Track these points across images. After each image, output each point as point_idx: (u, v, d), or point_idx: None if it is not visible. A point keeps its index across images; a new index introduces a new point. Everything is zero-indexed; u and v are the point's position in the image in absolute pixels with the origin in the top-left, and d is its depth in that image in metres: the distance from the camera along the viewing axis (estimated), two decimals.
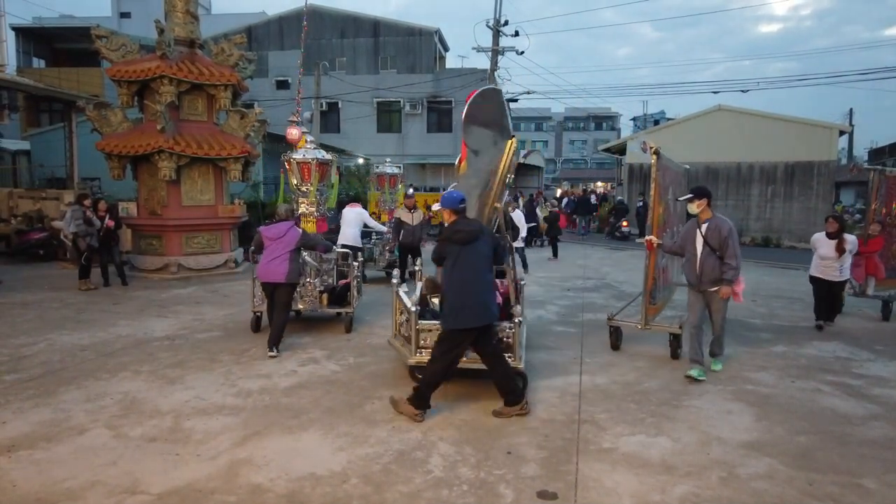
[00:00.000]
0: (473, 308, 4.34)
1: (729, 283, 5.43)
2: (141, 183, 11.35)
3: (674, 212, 7.08)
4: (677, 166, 7.77)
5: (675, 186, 7.38)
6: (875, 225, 8.28)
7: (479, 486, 3.47)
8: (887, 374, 5.78)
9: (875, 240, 8.24)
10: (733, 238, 5.43)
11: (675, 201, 6.76)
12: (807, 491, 3.48)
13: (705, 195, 5.58)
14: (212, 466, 3.64)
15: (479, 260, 4.40)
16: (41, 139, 20.62)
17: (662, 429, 4.34)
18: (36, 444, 3.89)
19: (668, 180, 6.74)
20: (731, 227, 5.48)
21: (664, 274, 7.13)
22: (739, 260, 5.44)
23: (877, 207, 8.41)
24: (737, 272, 5.43)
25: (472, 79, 25.61)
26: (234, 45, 11.56)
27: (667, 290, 7.37)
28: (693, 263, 5.59)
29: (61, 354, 5.93)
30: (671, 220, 6.96)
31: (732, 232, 5.46)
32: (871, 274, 8.30)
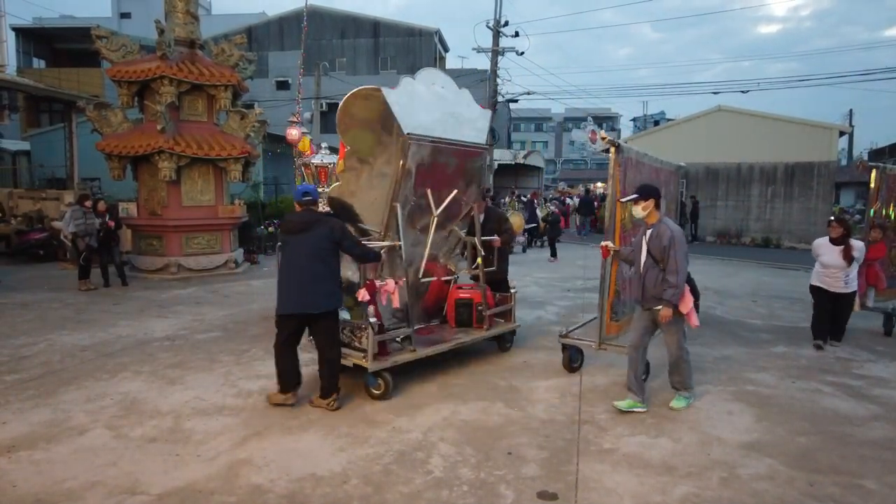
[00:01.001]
0: (293, 296, 4.48)
1: (669, 303, 4.50)
2: (141, 183, 11.35)
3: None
4: (665, 163, 7.16)
5: (664, 186, 6.95)
6: (876, 230, 7.36)
7: (479, 486, 3.47)
8: (888, 375, 5.77)
9: (876, 246, 7.34)
10: (676, 248, 4.48)
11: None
12: (807, 492, 3.48)
13: (652, 195, 4.68)
14: (212, 467, 3.64)
15: (308, 250, 4.49)
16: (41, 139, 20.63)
17: (663, 429, 4.34)
18: (36, 445, 3.88)
19: (645, 178, 5.99)
20: (674, 234, 4.51)
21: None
22: (682, 276, 4.48)
23: (877, 209, 7.56)
24: (677, 291, 4.48)
25: (473, 79, 25.60)
26: (234, 45, 11.57)
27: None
28: (637, 276, 4.85)
29: (61, 355, 5.93)
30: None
31: (676, 241, 4.49)
32: (872, 284, 7.46)
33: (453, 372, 5.59)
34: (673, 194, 7.36)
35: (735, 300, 9.64)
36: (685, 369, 4.79)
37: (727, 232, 20.43)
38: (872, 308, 7.45)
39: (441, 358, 6.01)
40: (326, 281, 4.54)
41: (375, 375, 4.82)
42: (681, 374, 4.80)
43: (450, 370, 5.64)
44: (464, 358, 6.02)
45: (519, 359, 6.06)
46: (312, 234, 4.52)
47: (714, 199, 20.70)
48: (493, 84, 22.05)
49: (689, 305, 4.64)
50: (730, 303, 9.39)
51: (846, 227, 6.53)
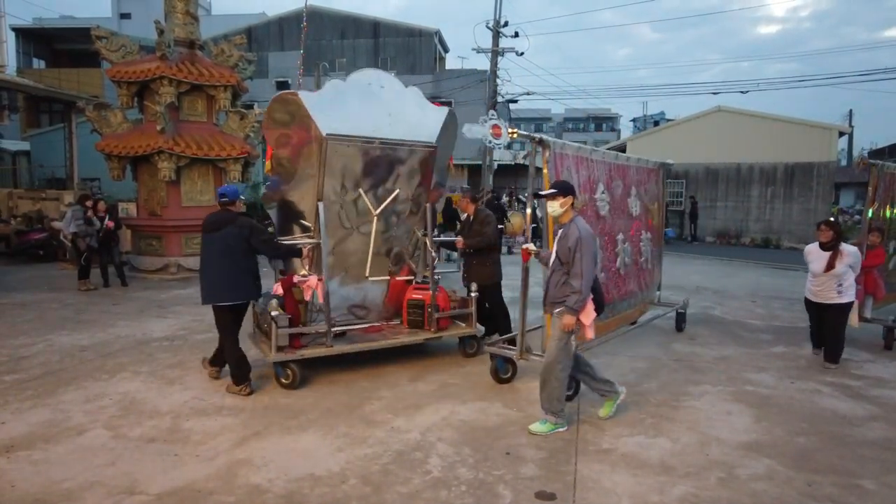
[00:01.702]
0: (206, 288, 4.92)
1: (571, 310, 4.09)
2: (141, 183, 11.36)
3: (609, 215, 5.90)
4: (640, 161, 6.78)
5: (637, 186, 6.52)
6: (874, 233, 6.70)
7: (477, 486, 3.47)
8: (887, 376, 5.78)
9: (875, 252, 6.67)
10: (583, 251, 4.05)
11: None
12: (806, 492, 3.48)
13: (570, 192, 4.26)
14: (211, 467, 3.64)
15: (219, 247, 4.87)
16: (41, 140, 20.64)
17: (661, 429, 4.34)
18: (35, 445, 3.89)
19: (599, 176, 5.71)
20: (581, 236, 4.08)
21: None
22: (588, 281, 4.05)
23: (876, 211, 6.97)
24: (581, 298, 4.05)
25: (473, 79, 25.65)
26: (233, 45, 11.58)
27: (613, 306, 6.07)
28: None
29: (60, 355, 5.93)
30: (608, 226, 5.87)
31: (583, 243, 4.06)
32: (870, 293, 6.78)
33: (452, 372, 5.60)
34: (654, 193, 7.05)
35: (734, 300, 9.64)
36: (555, 388, 4.19)
37: (727, 232, 20.44)
38: (871, 319, 6.77)
39: (440, 358, 6.02)
40: (235, 276, 4.87)
41: (283, 366, 5.04)
42: (548, 391, 4.22)
43: (449, 370, 5.64)
44: (463, 359, 6.02)
45: None
46: (223, 232, 4.88)
47: (714, 199, 20.71)
48: (492, 84, 22.05)
49: (591, 317, 4.19)
50: (729, 303, 9.39)
51: (836, 230, 5.89)
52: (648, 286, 6.97)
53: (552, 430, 4.20)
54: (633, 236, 6.43)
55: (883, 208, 7.14)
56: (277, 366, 5.04)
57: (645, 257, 6.75)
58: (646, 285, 6.86)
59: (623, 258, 6.16)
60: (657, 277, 7.32)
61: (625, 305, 6.26)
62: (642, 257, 6.67)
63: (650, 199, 6.94)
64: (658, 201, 7.23)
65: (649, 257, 6.90)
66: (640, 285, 6.66)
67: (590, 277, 4.07)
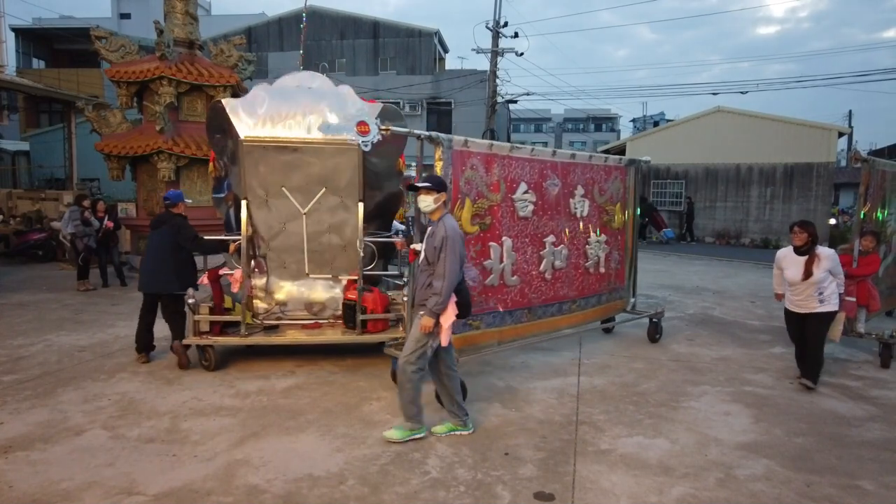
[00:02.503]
0: (143, 278, 5.75)
1: (430, 312, 3.88)
2: (140, 184, 11.35)
3: (534, 216, 5.57)
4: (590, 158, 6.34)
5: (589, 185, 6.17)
6: (868, 238, 6.04)
7: (476, 487, 3.47)
8: (886, 376, 5.78)
9: (868, 258, 6.00)
10: (448, 252, 3.85)
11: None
12: (804, 492, 3.48)
13: (443, 189, 4.04)
14: (209, 467, 3.64)
15: (156, 243, 5.75)
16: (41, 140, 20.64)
17: (660, 430, 4.34)
18: (33, 446, 3.88)
19: (522, 176, 5.42)
20: (447, 235, 3.88)
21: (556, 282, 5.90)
22: (450, 283, 3.85)
23: (869, 212, 6.29)
24: (442, 301, 3.85)
25: (472, 80, 25.65)
26: (233, 46, 11.57)
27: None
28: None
29: (59, 355, 5.93)
30: (531, 227, 5.59)
31: (448, 243, 3.86)
32: (863, 305, 6.09)
33: None
34: (615, 193, 6.58)
35: (734, 301, 9.64)
36: (408, 391, 3.98)
37: (726, 233, 20.44)
38: (865, 334, 6.16)
39: None
40: (166, 269, 5.64)
41: (203, 350, 5.54)
42: (403, 394, 4.02)
43: None
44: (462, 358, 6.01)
45: (517, 359, 6.06)
46: (160, 230, 5.75)
47: (713, 199, 20.71)
48: (492, 84, 22.06)
49: (450, 320, 3.95)
50: (728, 303, 9.39)
51: (811, 232, 5.27)
52: (603, 290, 6.51)
53: (407, 437, 4.01)
54: (575, 239, 6.06)
55: (874, 209, 6.46)
56: (199, 349, 5.56)
57: (593, 261, 6.30)
58: (599, 289, 6.44)
59: (550, 261, 5.75)
60: (623, 282, 6.84)
61: (552, 310, 5.87)
62: (589, 261, 6.24)
63: (608, 200, 6.50)
64: (622, 201, 6.73)
65: (602, 260, 6.42)
66: (586, 290, 6.25)
67: (453, 280, 3.87)
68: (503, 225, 5.27)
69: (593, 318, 6.51)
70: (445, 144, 4.75)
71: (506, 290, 5.37)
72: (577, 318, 6.23)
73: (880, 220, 6.63)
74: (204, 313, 5.58)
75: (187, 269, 5.77)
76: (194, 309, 5.53)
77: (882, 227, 6.62)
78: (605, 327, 7.09)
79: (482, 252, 5.12)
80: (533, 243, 5.60)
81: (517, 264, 5.44)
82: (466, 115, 26.69)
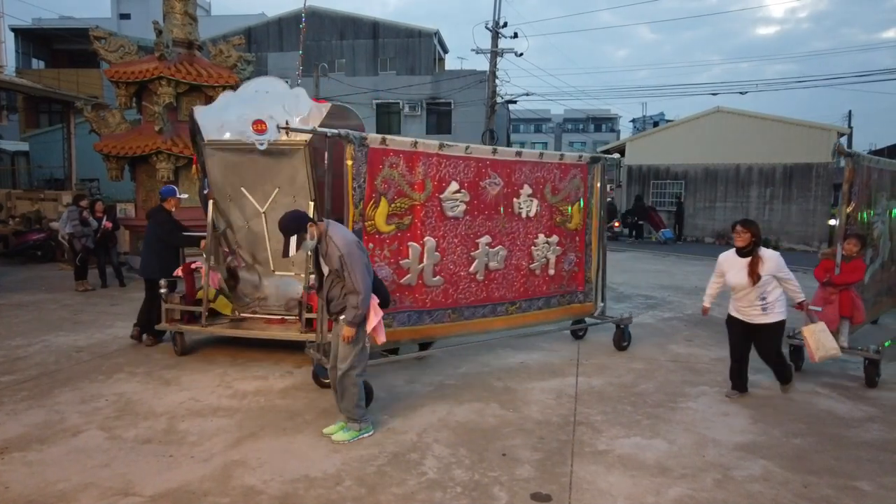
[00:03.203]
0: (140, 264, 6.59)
1: (350, 323, 3.90)
2: (139, 184, 11.34)
3: (467, 216, 5.44)
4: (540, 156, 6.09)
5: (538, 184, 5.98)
6: (852, 241, 5.42)
7: (473, 487, 3.46)
8: (884, 376, 5.75)
9: (852, 264, 5.40)
10: (353, 265, 3.81)
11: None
12: (802, 493, 3.47)
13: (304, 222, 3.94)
14: (205, 468, 3.63)
15: (148, 233, 6.49)
16: (40, 140, 20.63)
17: (658, 431, 4.33)
18: (29, 446, 3.87)
19: (452, 174, 5.28)
20: (343, 251, 3.82)
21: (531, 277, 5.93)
22: (365, 296, 3.85)
23: (853, 213, 5.66)
24: (359, 314, 3.87)
25: (472, 80, 25.64)
26: (232, 46, 11.57)
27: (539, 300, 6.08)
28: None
29: (57, 356, 5.92)
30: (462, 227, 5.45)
31: (347, 258, 3.81)
32: (846, 315, 5.46)
33: (449, 373, 5.59)
34: (572, 192, 6.31)
35: None
36: (353, 394, 4.02)
37: (726, 233, 20.41)
38: (849, 349, 5.44)
39: (437, 360, 6.02)
40: (151, 257, 6.34)
41: (173, 335, 6.05)
42: (348, 399, 4.04)
43: (446, 371, 5.64)
44: (459, 359, 6.01)
45: (515, 360, 6.06)
46: (149, 223, 6.49)
47: (713, 200, 20.70)
48: (491, 85, 22.06)
49: (375, 321, 4.00)
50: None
51: (754, 231, 4.80)
52: (553, 293, 6.29)
53: (356, 437, 4.04)
54: (519, 239, 5.88)
55: (859, 210, 5.82)
56: (171, 335, 6.09)
57: (540, 263, 6.09)
58: (549, 292, 6.23)
59: (483, 262, 5.61)
60: (581, 285, 6.54)
61: (485, 311, 5.73)
62: (535, 262, 6.04)
63: (564, 199, 6.25)
64: (580, 201, 6.43)
65: (552, 262, 6.20)
66: (530, 292, 6.06)
67: (367, 290, 3.86)
68: (426, 224, 5.18)
69: (542, 320, 6.28)
70: (357, 143, 4.69)
71: (425, 289, 5.29)
72: (518, 321, 6.05)
73: (865, 221, 5.97)
74: (175, 302, 6.05)
75: (168, 259, 6.34)
76: (165, 298, 5.97)
77: (868, 230, 6.00)
78: (575, 331, 6.82)
79: (398, 251, 5.06)
80: (463, 243, 5.48)
81: (441, 264, 5.35)
82: (466, 116, 26.69)
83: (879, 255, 6.51)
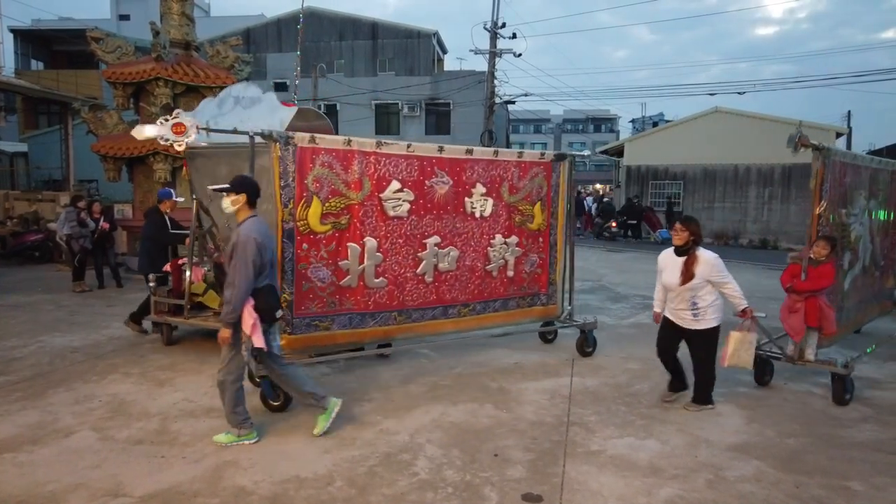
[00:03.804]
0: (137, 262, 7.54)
1: (224, 323, 3.79)
2: (136, 185, 11.34)
3: (412, 215, 5.30)
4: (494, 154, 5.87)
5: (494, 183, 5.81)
6: (822, 244, 4.93)
7: (464, 488, 3.45)
8: (880, 377, 5.76)
9: (820, 269, 4.91)
10: (238, 258, 3.72)
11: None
12: (793, 493, 3.47)
13: (245, 190, 3.85)
14: (197, 469, 3.63)
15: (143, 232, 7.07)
16: (39, 141, 20.64)
17: (651, 431, 4.33)
18: (21, 447, 3.87)
19: (392, 173, 5.16)
20: (239, 241, 3.74)
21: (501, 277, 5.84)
22: (241, 291, 3.70)
23: (824, 212, 5.16)
24: (231, 310, 3.71)
25: (471, 81, 25.65)
26: (229, 47, 11.58)
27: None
28: None
29: (52, 356, 5.92)
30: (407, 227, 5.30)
31: (238, 249, 3.73)
32: (814, 326, 4.97)
33: (444, 373, 5.58)
34: (533, 192, 6.10)
35: None
36: (229, 400, 3.90)
37: (724, 233, 20.43)
38: (816, 362, 5.04)
39: (432, 360, 6.01)
40: (144, 253, 6.94)
41: (157, 325, 6.51)
42: (225, 405, 3.94)
43: (441, 371, 5.63)
44: (454, 360, 6.01)
45: (510, 360, 6.05)
46: (144, 223, 7.11)
47: (711, 200, 20.71)
48: (490, 85, 22.07)
49: (250, 323, 3.75)
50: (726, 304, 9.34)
51: (693, 230, 4.56)
52: (512, 295, 6.10)
53: (235, 442, 3.95)
54: (473, 240, 5.71)
55: (832, 210, 5.30)
56: (158, 325, 6.50)
57: (497, 264, 5.91)
58: (507, 294, 6.06)
59: (432, 263, 5.46)
60: (544, 288, 6.33)
61: (435, 313, 5.59)
62: (491, 263, 5.86)
63: (524, 199, 6.04)
64: (543, 200, 6.20)
65: (511, 264, 6.01)
66: (486, 294, 5.90)
67: (245, 287, 3.71)
68: (366, 225, 5.06)
69: (501, 323, 6.10)
70: (282, 142, 4.62)
71: (367, 291, 5.15)
72: (472, 323, 5.88)
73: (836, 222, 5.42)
74: (161, 295, 6.44)
75: (157, 256, 6.85)
76: (153, 291, 6.40)
77: (845, 232, 5.50)
78: (544, 335, 6.66)
79: (337, 252, 4.94)
80: (409, 244, 5.32)
81: (385, 265, 5.21)
82: (465, 116, 26.70)
83: (860, 260, 5.99)
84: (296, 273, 4.75)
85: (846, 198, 5.57)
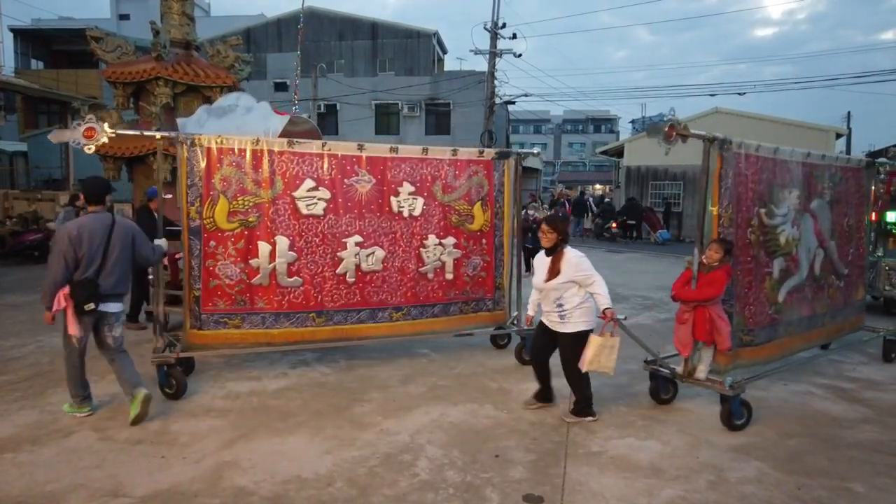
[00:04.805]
0: None
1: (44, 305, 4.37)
2: (136, 185, 11.30)
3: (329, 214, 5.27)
4: (424, 152, 5.75)
5: (425, 182, 5.67)
6: (715, 247, 4.49)
7: (465, 489, 3.45)
8: (880, 378, 5.76)
9: (711, 275, 4.46)
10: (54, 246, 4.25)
11: None
12: (795, 495, 3.46)
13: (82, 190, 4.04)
14: (197, 469, 3.62)
15: None
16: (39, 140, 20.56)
17: (652, 432, 4.32)
18: (20, 447, 3.86)
19: (306, 172, 5.17)
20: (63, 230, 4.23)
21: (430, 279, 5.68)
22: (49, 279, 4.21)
23: (723, 213, 4.73)
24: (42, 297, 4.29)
25: (471, 81, 25.65)
26: (229, 46, 11.55)
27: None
28: None
29: (51, 356, 5.90)
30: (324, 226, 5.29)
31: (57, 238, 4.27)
32: (703, 340, 4.52)
33: (444, 374, 5.58)
34: (473, 191, 5.95)
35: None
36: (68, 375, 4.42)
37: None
38: (707, 381, 4.52)
39: (432, 360, 6.01)
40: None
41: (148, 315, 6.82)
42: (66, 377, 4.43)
43: (440, 372, 5.63)
44: (454, 360, 6.00)
45: (511, 361, 6.04)
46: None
47: None
48: (490, 86, 22.07)
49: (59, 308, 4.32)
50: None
51: (559, 230, 4.41)
52: (454, 299, 5.94)
53: (72, 412, 4.40)
54: (402, 240, 5.61)
55: (736, 209, 4.77)
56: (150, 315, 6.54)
57: (433, 265, 5.76)
58: (447, 298, 5.89)
59: (353, 263, 5.39)
60: (490, 292, 6.14)
61: (361, 316, 5.49)
62: (425, 265, 5.73)
63: (461, 198, 5.88)
64: (485, 200, 6.02)
65: (450, 266, 5.85)
66: (422, 297, 5.75)
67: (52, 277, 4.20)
68: (277, 223, 5.08)
69: (441, 329, 5.92)
70: (188, 143, 4.79)
71: (281, 290, 5.14)
72: (408, 328, 5.72)
73: (756, 223, 4.92)
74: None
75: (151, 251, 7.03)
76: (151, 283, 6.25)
77: (770, 235, 4.98)
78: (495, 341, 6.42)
79: (247, 250, 5.00)
80: (326, 243, 5.28)
81: (299, 264, 5.19)
82: (465, 117, 26.70)
83: (799, 268, 5.29)
84: (202, 270, 4.93)
85: (767, 196, 5.00)
